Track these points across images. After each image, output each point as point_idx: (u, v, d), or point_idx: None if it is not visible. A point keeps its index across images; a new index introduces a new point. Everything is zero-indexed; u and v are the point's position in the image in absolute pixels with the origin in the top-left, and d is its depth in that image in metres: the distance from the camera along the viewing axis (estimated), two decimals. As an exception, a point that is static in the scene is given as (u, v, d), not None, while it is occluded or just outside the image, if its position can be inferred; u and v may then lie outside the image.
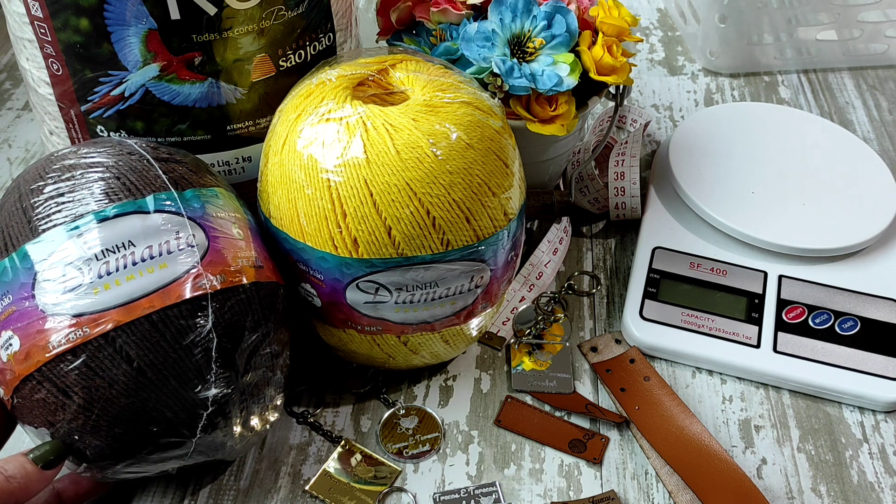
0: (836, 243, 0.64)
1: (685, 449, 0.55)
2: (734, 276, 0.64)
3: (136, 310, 0.45)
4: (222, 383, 0.46)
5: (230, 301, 0.47)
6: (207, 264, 0.47)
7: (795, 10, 0.88)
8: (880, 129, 0.83)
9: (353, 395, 0.59)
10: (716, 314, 0.62)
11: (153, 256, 0.46)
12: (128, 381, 0.44)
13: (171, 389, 0.45)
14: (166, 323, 0.45)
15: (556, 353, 0.62)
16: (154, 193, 0.47)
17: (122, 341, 0.44)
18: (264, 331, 0.48)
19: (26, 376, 0.45)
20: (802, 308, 0.62)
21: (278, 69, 0.56)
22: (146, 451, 0.46)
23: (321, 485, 0.54)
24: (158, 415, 0.45)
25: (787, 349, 0.60)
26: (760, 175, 0.69)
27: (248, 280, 0.48)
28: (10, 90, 0.87)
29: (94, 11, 0.51)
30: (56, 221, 0.46)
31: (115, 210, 0.46)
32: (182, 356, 0.45)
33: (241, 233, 0.50)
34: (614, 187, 0.68)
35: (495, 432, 0.57)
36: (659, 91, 0.87)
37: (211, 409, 0.46)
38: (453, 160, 0.49)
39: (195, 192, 0.49)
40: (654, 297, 0.63)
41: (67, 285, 0.44)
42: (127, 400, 0.45)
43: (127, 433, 0.45)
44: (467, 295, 0.53)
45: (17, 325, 0.45)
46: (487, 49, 0.59)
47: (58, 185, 0.47)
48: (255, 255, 0.50)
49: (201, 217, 0.48)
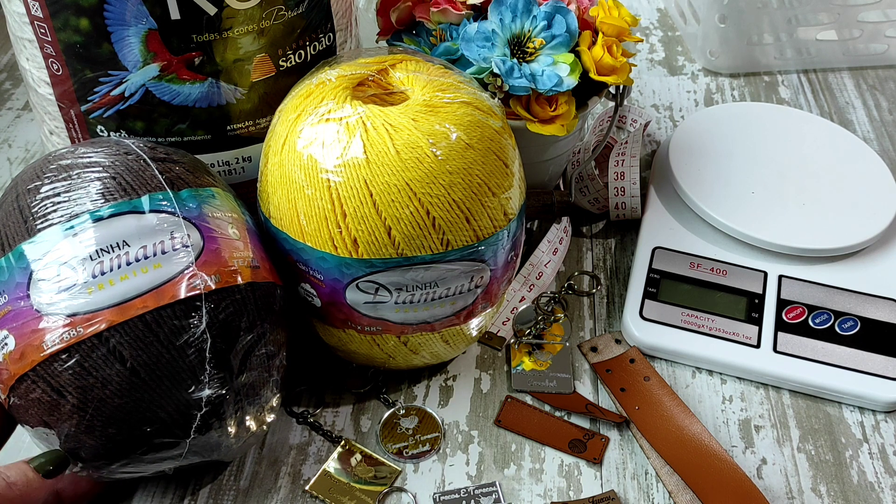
0: (836, 243, 0.64)
1: (685, 449, 0.55)
2: (734, 276, 0.64)
3: (130, 310, 0.44)
4: (216, 384, 0.46)
5: (225, 301, 0.47)
6: (202, 264, 0.47)
7: (795, 10, 0.88)
8: (880, 129, 0.83)
9: (353, 395, 0.59)
10: (716, 314, 0.62)
11: (147, 256, 0.46)
12: (121, 381, 0.44)
13: (165, 390, 0.45)
14: (160, 323, 0.45)
15: (556, 353, 0.62)
16: (150, 193, 0.47)
17: (115, 341, 0.44)
18: (260, 331, 0.48)
19: (21, 376, 0.45)
20: (802, 308, 0.62)
21: (278, 69, 0.56)
22: (140, 452, 0.46)
23: (321, 485, 0.54)
24: (152, 415, 0.45)
25: (787, 349, 0.60)
26: (760, 175, 0.69)
27: (243, 280, 0.48)
28: (10, 90, 0.87)
29: (94, 11, 0.51)
30: (52, 221, 0.46)
31: (111, 210, 0.46)
32: (175, 356, 0.45)
33: (238, 233, 0.50)
34: (614, 187, 0.68)
35: (495, 432, 0.57)
36: (659, 91, 0.87)
37: (205, 410, 0.46)
38: (453, 160, 0.49)
39: (191, 193, 0.49)
40: (655, 297, 0.63)
41: (62, 285, 0.44)
42: (120, 400, 0.45)
43: (121, 433, 0.45)
44: (467, 295, 0.53)
45: (12, 324, 0.45)
46: (487, 49, 0.59)
47: (54, 184, 0.47)
48: (252, 255, 0.50)
49: (197, 217, 0.48)
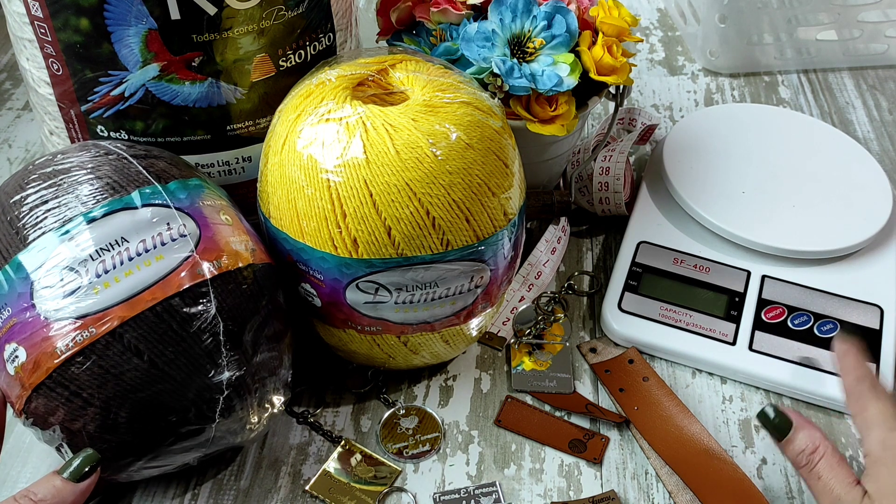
0: (822, 246, 0.64)
1: (684, 449, 0.55)
2: (717, 273, 0.64)
3: (140, 303, 0.45)
4: (234, 366, 0.47)
5: (230, 285, 0.47)
6: (202, 252, 0.47)
7: (795, 10, 0.88)
8: (880, 129, 0.83)
9: (353, 395, 0.59)
10: (695, 310, 0.62)
11: (148, 250, 0.46)
12: (141, 374, 0.45)
13: (186, 377, 0.45)
14: (171, 313, 0.45)
15: (556, 353, 0.62)
16: (139, 189, 0.48)
17: (129, 336, 0.44)
18: (267, 310, 0.49)
19: (38, 385, 0.45)
20: (783, 308, 0.62)
21: (278, 69, 0.56)
22: (168, 443, 0.47)
23: (321, 485, 0.54)
24: (176, 404, 0.46)
25: (763, 348, 0.60)
26: (752, 176, 0.69)
27: (243, 263, 0.49)
28: (10, 90, 0.87)
29: (94, 11, 0.51)
30: (45, 228, 0.46)
31: (103, 209, 0.46)
32: (191, 343, 0.46)
33: (230, 218, 0.50)
34: (598, 182, 0.68)
35: (495, 432, 0.57)
36: (659, 91, 0.87)
37: (227, 392, 0.47)
38: (453, 160, 0.49)
39: (179, 184, 0.49)
40: (635, 290, 0.63)
41: (67, 289, 0.45)
42: (143, 393, 0.45)
43: (147, 427, 0.46)
44: (467, 295, 0.53)
45: (20, 336, 0.45)
46: (487, 49, 0.59)
47: (40, 192, 0.47)
48: (247, 238, 0.50)
49: (189, 207, 0.49)
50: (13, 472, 0.55)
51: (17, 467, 0.55)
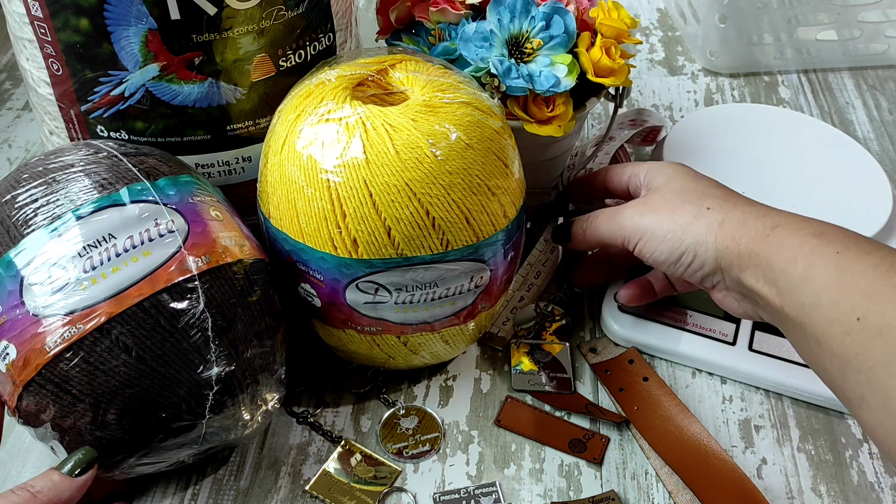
0: None
1: (684, 449, 0.55)
2: None
3: (127, 299, 0.45)
4: (224, 361, 0.47)
5: (219, 280, 0.47)
6: (191, 247, 0.47)
7: (795, 10, 0.88)
8: (880, 129, 0.83)
9: (353, 395, 0.59)
10: (695, 310, 0.62)
11: (136, 245, 0.46)
12: (129, 370, 0.45)
13: (174, 373, 0.45)
14: (159, 308, 0.45)
15: (556, 353, 0.62)
16: (128, 186, 0.48)
17: (117, 332, 0.44)
18: (257, 305, 0.49)
19: (28, 382, 0.45)
20: None
21: (278, 69, 0.56)
22: (158, 440, 0.47)
23: (321, 485, 0.54)
24: (165, 400, 0.45)
25: (763, 348, 0.60)
26: (752, 175, 0.69)
27: (233, 259, 0.49)
28: (10, 90, 0.87)
29: (94, 11, 0.51)
30: (35, 226, 0.46)
31: (92, 206, 0.47)
32: (179, 339, 0.45)
33: (220, 214, 0.50)
34: None
35: (495, 432, 0.57)
36: (659, 91, 0.87)
37: (216, 388, 0.47)
38: (453, 160, 0.49)
39: (168, 181, 0.50)
40: None
41: (55, 285, 0.45)
42: (132, 389, 0.45)
43: (137, 423, 0.46)
44: (467, 295, 0.53)
45: (11, 333, 0.45)
46: (485, 49, 0.59)
47: (31, 191, 0.48)
48: (238, 234, 0.50)
49: (178, 203, 0.49)
50: (13, 472, 0.55)
51: (18, 467, 0.55)
